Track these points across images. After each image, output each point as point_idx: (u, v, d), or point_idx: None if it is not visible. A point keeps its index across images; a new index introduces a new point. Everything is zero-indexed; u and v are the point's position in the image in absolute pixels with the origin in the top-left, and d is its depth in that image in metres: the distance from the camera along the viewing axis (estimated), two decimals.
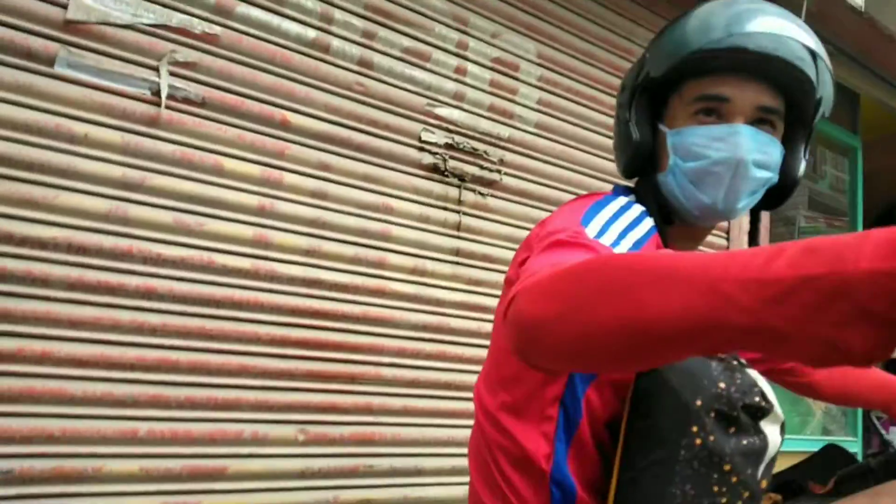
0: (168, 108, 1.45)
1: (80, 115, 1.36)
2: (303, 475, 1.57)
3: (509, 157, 1.99)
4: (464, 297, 1.87)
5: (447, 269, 1.85)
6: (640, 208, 0.77)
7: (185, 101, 1.48)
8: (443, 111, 1.86)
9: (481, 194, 1.93)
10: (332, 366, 1.63)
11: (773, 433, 0.64)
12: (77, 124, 1.35)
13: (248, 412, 1.51)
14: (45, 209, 1.31)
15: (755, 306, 0.34)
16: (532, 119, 2.05)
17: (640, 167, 0.83)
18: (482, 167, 1.93)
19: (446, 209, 1.85)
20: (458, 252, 1.87)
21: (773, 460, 0.65)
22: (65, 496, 1.30)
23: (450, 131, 1.87)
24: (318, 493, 1.59)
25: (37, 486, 1.27)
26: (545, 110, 2.08)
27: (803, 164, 0.81)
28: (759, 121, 0.74)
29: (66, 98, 1.34)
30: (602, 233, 0.69)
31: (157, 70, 1.44)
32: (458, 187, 1.88)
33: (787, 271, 0.33)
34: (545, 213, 2.11)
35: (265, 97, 1.58)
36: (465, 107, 1.91)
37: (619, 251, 0.67)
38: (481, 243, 1.92)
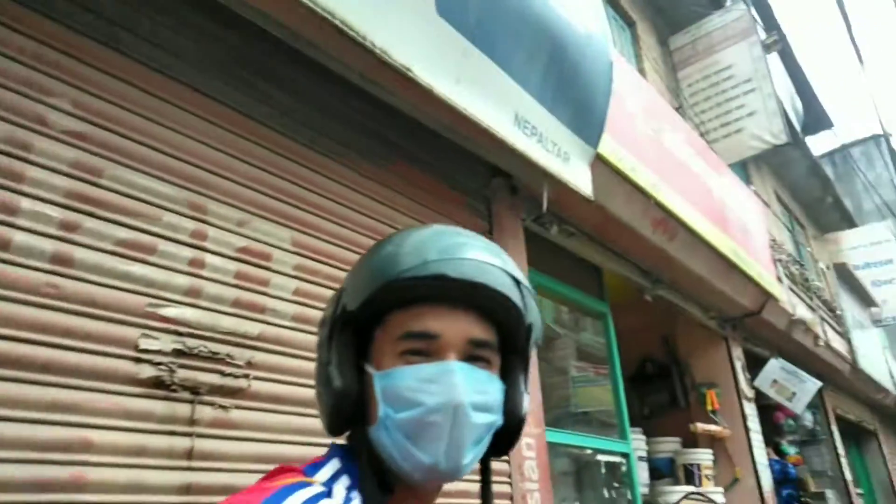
0: None
1: None
2: None
3: (260, 357, 1.71)
4: None
5: None
6: (342, 491, 0.63)
7: None
8: (170, 311, 1.55)
9: (223, 407, 1.58)
10: None
11: None
12: None
13: None
14: None
15: None
16: (288, 312, 1.83)
17: (348, 419, 0.69)
18: (224, 374, 1.61)
19: (173, 433, 1.47)
20: (188, 489, 1.46)
21: None
22: None
23: (180, 334, 1.55)
24: None
25: None
26: (303, 301, 1.88)
27: (527, 399, 0.73)
28: (473, 357, 0.67)
29: None
30: None
31: None
32: (191, 402, 1.52)
33: None
34: (308, 420, 1.83)
35: None
36: (202, 303, 1.62)
37: None
38: (222, 471, 1.53)
